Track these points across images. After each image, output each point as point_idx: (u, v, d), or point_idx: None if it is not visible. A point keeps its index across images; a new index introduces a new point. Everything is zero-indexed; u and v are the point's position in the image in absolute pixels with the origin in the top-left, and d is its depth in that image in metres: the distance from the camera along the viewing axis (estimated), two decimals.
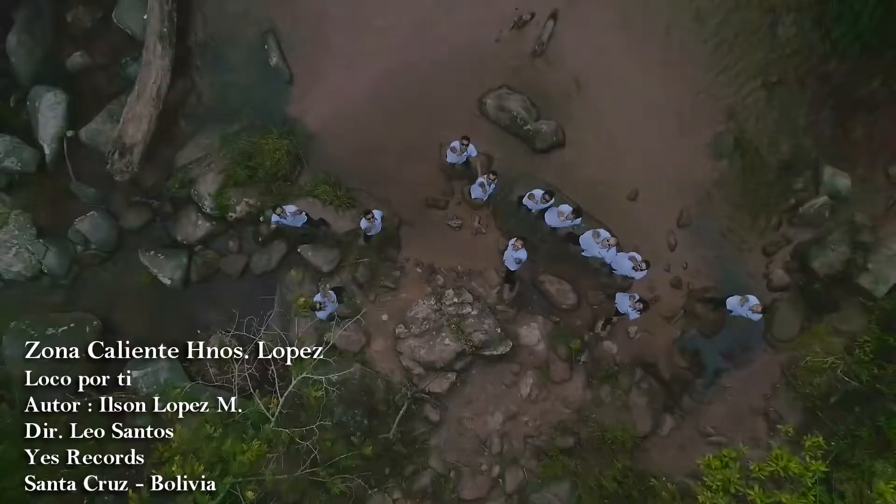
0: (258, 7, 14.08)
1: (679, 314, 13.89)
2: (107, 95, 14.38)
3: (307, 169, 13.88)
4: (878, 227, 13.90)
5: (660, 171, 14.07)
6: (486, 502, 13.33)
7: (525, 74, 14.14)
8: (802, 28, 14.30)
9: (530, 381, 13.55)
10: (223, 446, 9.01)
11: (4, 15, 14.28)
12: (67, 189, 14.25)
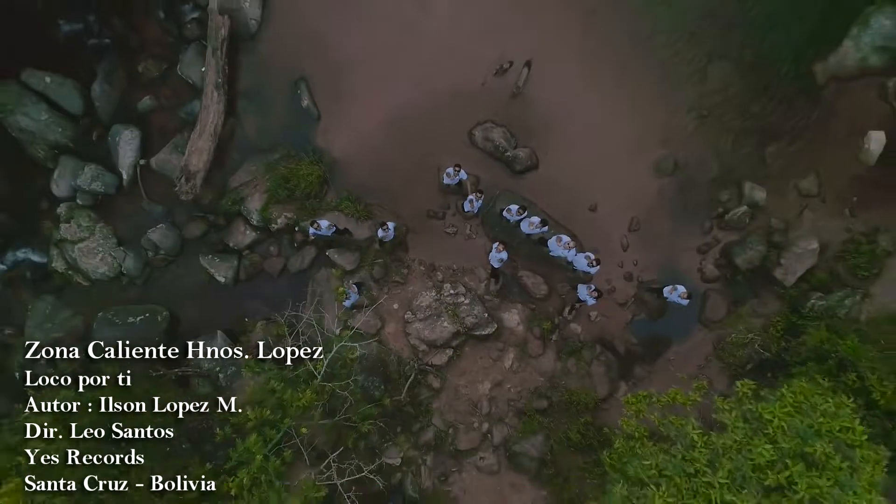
0: (291, 61, 17.62)
1: (630, 301, 17.36)
2: (170, 131, 17.93)
3: (333, 188, 17.41)
4: (788, 230, 17.38)
5: (614, 187, 17.55)
6: (478, 452, 16.80)
7: (505, 111, 17.64)
8: (728, 72, 17.79)
9: (512, 355, 17.03)
10: (284, 396, 12.48)
11: (89, 67, 17.84)
12: (140, 206, 17.78)
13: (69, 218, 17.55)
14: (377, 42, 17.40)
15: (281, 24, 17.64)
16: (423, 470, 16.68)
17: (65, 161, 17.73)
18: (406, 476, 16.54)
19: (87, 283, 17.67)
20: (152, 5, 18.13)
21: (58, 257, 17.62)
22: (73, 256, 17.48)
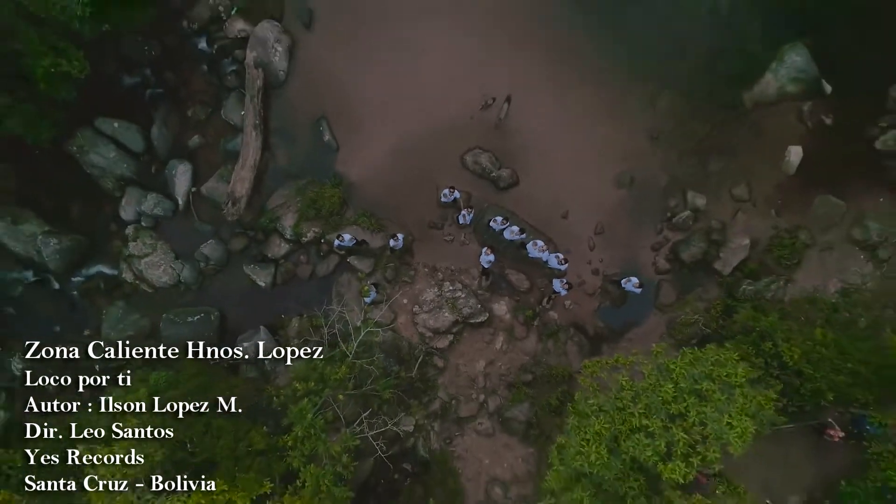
0: (314, 103, 21.47)
1: (597, 291, 21.15)
2: (216, 164, 21.80)
3: (351, 207, 21.25)
4: (725, 229, 21.17)
5: (582, 198, 21.33)
6: (476, 419, 20.60)
7: (491, 139, 21.44)
8: (673, 101, 21.57)
9: (501, 338, 20.84)
10: (324, 371, 16.33)
11: (148, 113, 21.72)
12: (193, 226, 21.64)
13: (135, 237, 21.41)
14: (383, 86, 21.24)
15: (304, 74, 21.51)
16: (432, 435, 20.50)
17: (130, 191, 21.61)
18: (418, 440, 20.35)
19: (152, 291, 21.52)
20: (198, 60, 22.02)
21: (126, 270, 21.48)
22: (139, 269, 21.34)
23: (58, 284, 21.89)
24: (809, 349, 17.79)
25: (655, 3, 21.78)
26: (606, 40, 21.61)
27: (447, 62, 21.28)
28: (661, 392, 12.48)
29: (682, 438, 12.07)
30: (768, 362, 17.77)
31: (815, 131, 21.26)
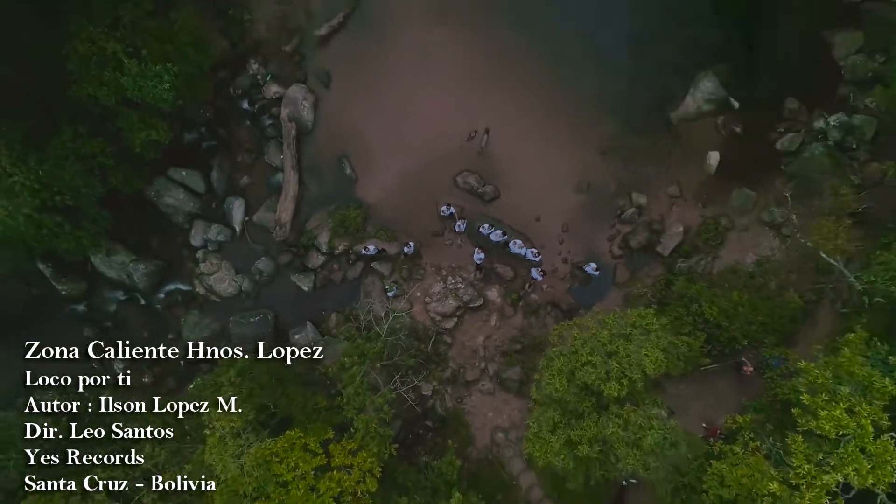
0: (336, 145, 27.47)
1: (567, 276, 27.05)
2: (262, 197, 27.78)
3: (371, 223, 27.19)
4: (663, 220, 27.07)
5: (550, 204, 27.23)
6: (479, 381, 26.47)
7: (476, 163, 27.37)
8: (617, 123, 27.47)
9: (495, 318, 26.74)
10: (364, 348, 22.27)
11: (206, 162, 27.73)
12: (248, 247, 27.62)
13: (204, 259, 27.41)
14: (389, 128, 27.23)
15: (327, 123, 27.56)
16: (446, 396, 26.41)
17: (197, 223, 27.63)
18: (435, 401, 26.26)
19: (219, 300, 27.50)
20: (242, 118, 28.06)
21: (199, 285, 27.48)
22: (208, 283, 27.33)
23: (144, 301, 27.90)
24: (729, 307, 23.74)
25: (598, 50, 27.66)
26: (561, 80, 27.56)
27: (438, 106, 27.25)
28: (600, 338, 18.41)
29: (615, 367, 17.97)
30: (695, 320, 23.71)
31: (729, 139, 27.21)
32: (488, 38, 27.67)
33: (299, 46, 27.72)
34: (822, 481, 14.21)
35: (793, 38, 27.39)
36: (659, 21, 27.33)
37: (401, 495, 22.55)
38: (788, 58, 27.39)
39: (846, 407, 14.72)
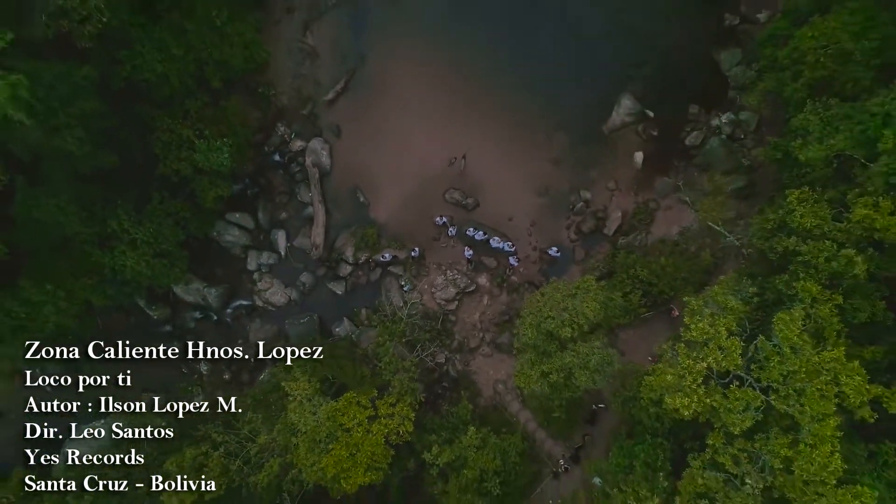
0: (351, 180, 35.79)
1: (538, 260, 35.35)
2: (297, 227, 36.12)
3: (384, 236, 35.52)
4: (606, 209, 35.35)
5: (518, 206, 35.53)
6: (480, 347, 34.79)
7: (458, 181, 35.66)
8: (564, 137, 35.76)
9: (486, 298, 35.08)
10: (392, 328, 30.60)
11: (254, 206, 36.05)
12: (292, 266, 35.95)
13: (259, 279, 35.74)
14: (390, 162, 35.53)
15: (342, 164, 35.87)
16: (456, 362, 34.70)
17: (251, 252, 35.96)
18: (448, 366, 34.55)
19: (275, 309, 35.82)
20: (276, 168, 36.38)
21: (258, 299, 35.80)
22: (265, 297, 35.65)
23: (216, 316, 36.22)
24: (658, 269, 31.97)
25: (546, 85, 35.83)
26: (519, 110, 35.82)
27: (425, 141, 35.56)
28: (555, 299, 26.69)
29: (567, 317, 26.22)
30: (634, 281, 31.96)
31: (648, 141, 35.48)
32: (460, 84, 35.93)
33: (314, 109, 36.08)
34: (696, 370, 22.36)
35: (689, 58, 35.76)
36: (590, 60, 35.56)
37: (430, 433, 30.82)
38: (688, 74, 35.76)
39: (709, 321, 22.86)
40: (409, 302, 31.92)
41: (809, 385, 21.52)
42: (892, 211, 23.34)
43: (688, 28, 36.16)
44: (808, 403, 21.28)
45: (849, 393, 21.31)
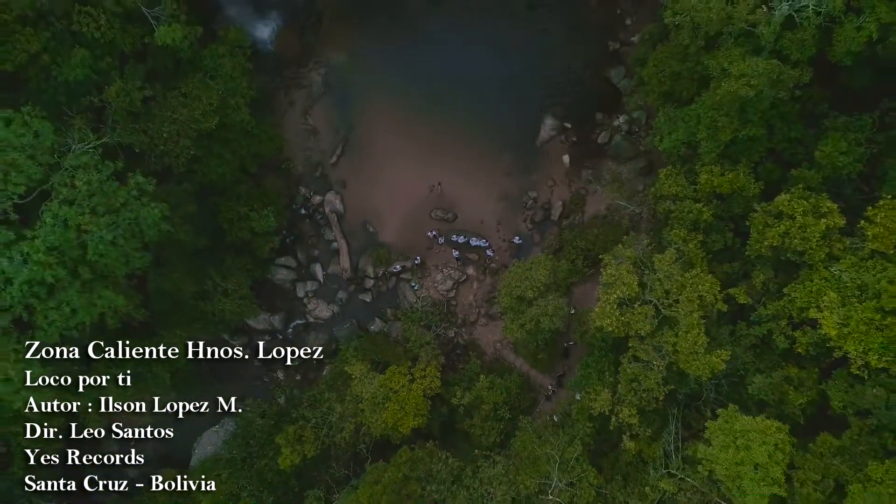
0: (361, 216, 48.31)
1: (508, 248, 47.91)
2: (328, 258, 48.68)
3: (393, 253, 48.07)
4: (550, 201, 47.87)
5: (486, 212, 48.07)
6: (479, 320, 47.41)
7: (439, 202, 48.16)
8: (511, 155, 48.27)
9: (476, 283, 47.70)
10: (412, 316, 43.20)
11: (293, 249, 48.58)
12: (330, 287, 48.52)
13: (308, 302, 48.29)
14: (387, 198, 48.04)
15: (352, 207, 48.40)
16: (463, 333, 47.31)
17: (298, 284, 48.53)
18: (457, 337, 47.15)
19: (323, 322, 48.41)
20: (304, 219, 48.88)
21: (309, 316, 48.32)
22: (315, 314, 48.20)
23: (281, 335, 48.76)
24: (593, 238, 44.53)
25: (494, 119, 48.26)
26: (474, 142, 48.32)
27: (410, 177, 48.02)
28: (518, 273, 39.19)
29: (528, 284, 38.70)
30: (577, 251, 44.48)
31: (571, 145, 48.04)
32: (427, 131, 48.29)
33: (323, 171, 48.60)
34: (610, 300, 34.79)
35: (590, 79, 48.31)
36: (518, 97, 48.06)
37: (453, 385, 43.30)
38: (590, 91, 48.29)
39: (613, 268, 35.28)
40: (420, 297, 44.44)
41: (681, 295, 33.87)
42: (722, 173, 35.76)
43: (584, 57, 48.67)
44: (682, 307, 33.59)
45: (705, 295, 33.65)
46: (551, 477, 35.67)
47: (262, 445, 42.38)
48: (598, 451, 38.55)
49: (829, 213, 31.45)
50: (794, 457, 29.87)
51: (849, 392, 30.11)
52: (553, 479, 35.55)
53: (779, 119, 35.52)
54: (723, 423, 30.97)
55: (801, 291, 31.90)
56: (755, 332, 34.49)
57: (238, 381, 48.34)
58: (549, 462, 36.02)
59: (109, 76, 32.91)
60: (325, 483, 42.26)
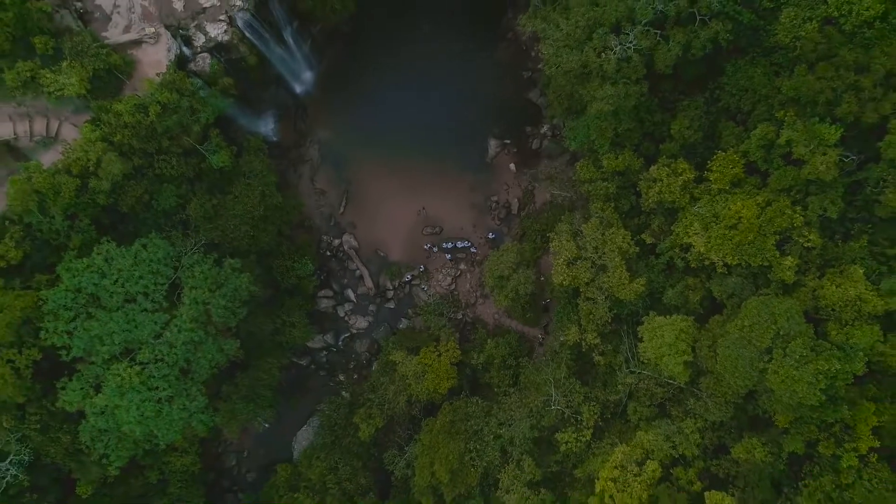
0: (373, 246, 63.65)
1: (487, 244, 63.35)
2: (356, 283, 64.04)
3: (402, 267, 63.47)
4: (509, 201, 63.32)
5: (464, 220, 63.52)
6: (476, 301, 62.92)
7: (427, 221, 63.52)
8: (470, 175, 63.71)
9: (469, 275, 63.21)
10: (428, 309, 58.65)
11: (329, 283, 63.97)
12: (362, 304, 63.90)
13: (349, 319, 63.67)
14: (389, 228, 63.40)
15: (364, 241, 63.74)
16: (468, 312, 62.82)
17: (338, 307, 63.95)
18: (464, 317, 62.65)
19: (363, 330, 63.81)
20: (330, 259, 64.15)
21: (351, 328, 63.72)
22: (356, 327, 63.60)
23: (335, 348, 64.12)
24: (544, 221, 59.99)
25: (455, 149, 63.62)
26: (443, 168, 63.71)
27: (403, 208, 63.41)
28: (493, 260, 54.52)
29: (504, 265, 54.00)
30: (536, 233, 59.95)
31: (513, 155, 63.55)
32: (407, 170, 63.61)
33: (336, 220, 63.89)
34: (560, 261, 50.04)
35: (515, 102, 63.77)
36: (467, 130, 63.54)
37: (469, 352, 58.62)
38: (518, 111, 63.72)
39: (556, 239, 50.50)
40: (430, 294, 59.84)
41: (605, 248, 49.13)
42: (616, 158, 51.04)
43: (507, 88, 64.01)
44: (608, 256, 48.86)
45: (621, 244, 48.90)
46: (551, 394, 51.03)
47: (343, 427, 57.66)
48: (581, 370, 53.89)
49: (684, 172, 46.84)
50: (695, 335, 45.28)
51: (721, 284, 45.49)
52: (553, 396, 50.89)
53: (645, 111, 50.79)
54: (647, 325, 46.37)
55: (680, 226, 47.28)
56: (661, 260, 49.85)
57: (312, 391, 63.85)
58: (546, 384, 51.40)
59: (187, 197, 47.97)
60: (396, 444, 57.61)
